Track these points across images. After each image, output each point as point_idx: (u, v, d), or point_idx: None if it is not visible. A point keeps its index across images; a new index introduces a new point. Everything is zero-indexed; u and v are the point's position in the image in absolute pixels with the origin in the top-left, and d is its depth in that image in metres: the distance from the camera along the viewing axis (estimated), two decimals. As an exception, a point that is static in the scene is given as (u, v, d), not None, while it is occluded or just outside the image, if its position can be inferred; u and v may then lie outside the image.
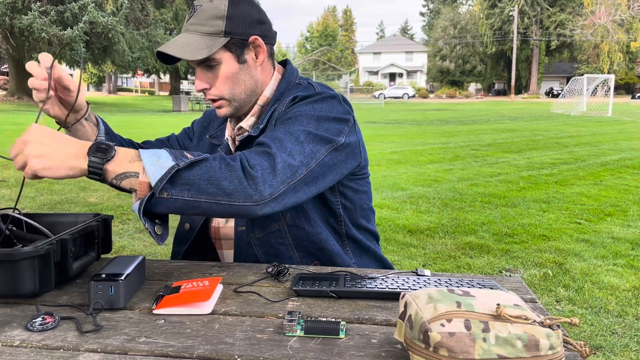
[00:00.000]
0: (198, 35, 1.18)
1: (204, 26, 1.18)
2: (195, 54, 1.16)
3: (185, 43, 1.17)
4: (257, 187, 0.96)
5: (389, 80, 67.51)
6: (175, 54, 1.15)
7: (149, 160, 0.93)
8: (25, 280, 0.93)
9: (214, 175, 0.94)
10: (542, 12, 55.31)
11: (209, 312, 0.91)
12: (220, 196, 0.94)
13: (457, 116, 23.24)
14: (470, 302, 0.69)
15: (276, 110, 1.24)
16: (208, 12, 1.18)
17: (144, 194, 0.93)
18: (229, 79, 1.21)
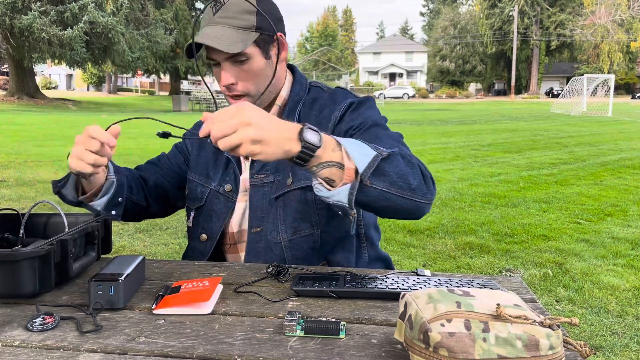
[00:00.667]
0: (230, 29, 1.16)
1: (235, 20, 1.16)
2: (232, 47, 1.14)
3: (219, 36, 1.14)
4: (429, 187, 1.01)
5: (389, 80, 67.51)
6: (213, 45, 1.13)
7: (353, 148, 0.92)
8: (25, 280, 0.93)
9: (403, 170, 0.96)
10: (542, 12, 55.31)
11: (209, 312, 0.91)
12: (406, 191, 0.96)
13: (457, 116, 23.24)
14: (470, 302, 0.69)
15: (302, 113, 1.27)
16: (237, 6, 1.16)
17: (350, 181, 0.91)
18: (256, 75, 1.21)
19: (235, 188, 1.30)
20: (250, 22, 1.17)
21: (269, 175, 1.27)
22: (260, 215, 1.27)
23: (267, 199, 1.27)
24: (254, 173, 1.28)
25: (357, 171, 0.91)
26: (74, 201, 1.20)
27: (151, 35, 27.27)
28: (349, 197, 0.91)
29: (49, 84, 57.27)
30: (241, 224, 1.31)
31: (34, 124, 15.46)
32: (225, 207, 1.30)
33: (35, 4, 22.36)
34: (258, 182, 1.28)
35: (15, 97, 26.83)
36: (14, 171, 7.21)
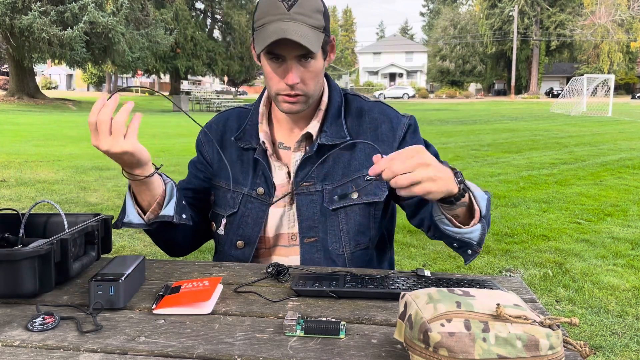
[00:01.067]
0: (307, 27, 1.13)
1: (310, 18, 1.14)
2: (314, 46, 1.12)
3: (302, 33, 1.11)
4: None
5: (389, 81, 67.50)
6: (300, 41, 1.09)
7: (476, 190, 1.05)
8: (25, 280, 0.93)
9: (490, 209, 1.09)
10: (542, 12, 55.30)
11: (209, 312, 0.91)
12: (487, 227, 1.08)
13: (457, 116, 23.24)
14: (470, 302, 0.69)
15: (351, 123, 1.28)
16: (310, 4, 1.14)
17: (475, 222, 1.05)
18: (316, 76, 1.20)
19: (268, 191, 1.27)
20: (320, 22, 1.15)
21: (316, 183, 1.26)
22: (313, 225, 1.25)
23: (317, 208, 1.25)
24: (299, 181, 1.26)
25: (480, 212, 1.05)
26: (143, 223, 1.16)
27: (151, 35, 27.26)
28: (480, 236, 1.05)
29: (49, 84, 57.27)
30: (278, 229, 1.28)
31: (34, 124, 15.46)
32: (261, 211, 1.27)
33: (35, 4, 22.35)
34: (304, 190, 1.26)
35: (15, 97, 26.82)
36: (14, 171, 7.21)
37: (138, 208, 1.17)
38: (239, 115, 1.38)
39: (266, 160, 1.28)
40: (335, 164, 1.26)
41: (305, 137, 1.27)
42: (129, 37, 25.25)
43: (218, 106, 28.38)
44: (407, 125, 1.29)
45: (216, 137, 1.36)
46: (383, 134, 1.27)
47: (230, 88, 57.36)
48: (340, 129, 1.26)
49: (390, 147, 1.26)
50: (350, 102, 1.32)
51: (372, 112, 1.30)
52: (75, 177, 6.92)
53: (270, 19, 1.13)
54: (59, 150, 9.55)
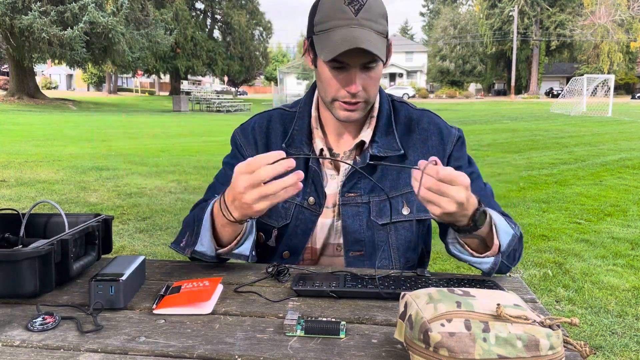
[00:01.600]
0: (375, 34, 1.08)
1: (376, 24, 1.09)
2: (382, 54, 1.08)
3: (372, 41, 1.06)
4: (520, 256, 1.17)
5: (389, 81, 67.49)
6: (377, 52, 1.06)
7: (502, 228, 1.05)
8: (25, 280, 0.93)
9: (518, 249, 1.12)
10: (542, 12, 55.30)
11: (209, 312, 0.91)
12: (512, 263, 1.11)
13: (457, 116, 23.24)
14: (470, 302, 0.69)
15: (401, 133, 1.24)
16: (376, 9, 1.10)
17: (494, 254, 1.05)
18: (377, 82, 1.16)
19: (319, 200, 1.22)
20: (385, 28, 1.12)
21: (363, 195, 1.21)
22: (359, 239, 1.21)
23: (364, 222, 1.21)
24: (345, 191, 1.21)
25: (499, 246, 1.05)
26: (214, 256, 1.09)
27: (151, 35, 27.26)
28: (489, 270, 1.06)
29: (49, 84, 57.26)
30: (326, 239, 1.25)
31: (34, 124, 15.46)
32: (310, 222, 1.23)
33: (35, 4, 22.35)
34: (350, 200, 1.21)
35: (15, 97, 26.82)
36: (14, 171, 7.21)
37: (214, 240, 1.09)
38: (282, 117, 1.29)
39: (320, 169, 1.23)
40: (384, 176, 1.22)
41: (357, 145, 1.23)
42: (129, 37, 25.25)
43: (218, 106, 28.37)
44: (456, 139, 1.25)
45: (261, 140, 1.28)
46: (433, 147, 1.23)
47: (230, 88, 57.35)
48: (392, 140, 1.22)
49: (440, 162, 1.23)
50: (398, 110, 1.27)
51: (421, 122, 1.26)
52: (75, 177, 6.92)
53: (337, 23, 1.07)
54: (59, 150, 9.55)
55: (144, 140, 11.70)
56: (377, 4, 1.10)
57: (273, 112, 1.32)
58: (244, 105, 29.57)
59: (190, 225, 1.12)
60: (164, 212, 5.05)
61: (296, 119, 1.26)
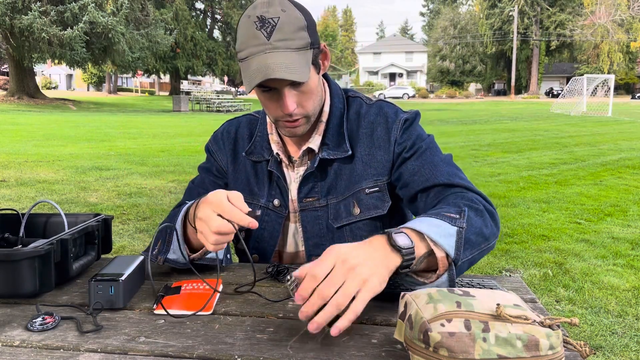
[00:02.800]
0: (293, 53, 1.04)
1: (294, 41, 1.04)
2: (303, 75, 1.04)
3: (287, 63, 1.03)
4: (496, 224, 1.04)
5: (389, 81, 67.50)
6: (291, 78, 1.02)
7: (435, 233, 0.89)
8: (25, 280, 0.93)
9: (477, 226, 0.97)
10: (542, 12, 55.30)
11: (209, 312, 0.91)
12: (483, 244, 0.97)
13: (457, 116, 23.24)
14: (470, 302, 0.69)
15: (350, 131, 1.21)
16: (291, 25, 1.04)
17: (445, 268, 0.88)
18: (313, 94, 1.12)
19: (284, 202, 1.23)
20: (306, 40, 1.06)
21: (320, 198, 1.21)
22: (320, 243, 1.20)
23: (323, 225, 1.21)
24: (302, 197, 1.21)
25: (447, 255, 0.88)
26: (186, 262, 1.08)
27: (151, 35, 27.26)
28: (449, 284, 0.89)
29: (49, 84, 57.27)
30: (294, 246, 1.25)
31: (34, 124, 15.46)
32: (277, 224, 1.24)
33: (35, 4, 22.35)
34: (308, 205, 1.21)
35: (15, 97, 26.82)
36: (14, 171, 7.21)
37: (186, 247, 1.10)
38: (250, 123, 1.32)
39: (280, 172, 1.23)
40: (338, 176, 1.21)
41: (308, 151, 1.22)
42: (129, 37, 25.26)
43: (218, 106, 28.37)
44: (402, 122, 1.20)
45: (229, 146, 1.31)
46: (379, 138, 1.20)
47: (230, 88, 57.33)
48: (342, 141, 1.20)
49: (386, 152, 1.19)
50: (350, 106, 1.25)
51: (369, 114, 1.22)
52: (75, 177, 6.92)
53: (252, 50, 1.05)
54: (59, 150, 9.55)
55: (144, 140, 11.70)
56: (292, 19, 1.05)
57: (242, 119, 1.35)
58: (243, 105, 29.57)
59: (163, 233, 1.12)
60: (164, 212, 5.05)
61: (259, 124, 1.29)
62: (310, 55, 1.07)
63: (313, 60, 1.09)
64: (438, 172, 1.12)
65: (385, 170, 1.19)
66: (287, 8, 1.05)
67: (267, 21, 1.03)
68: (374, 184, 1.19)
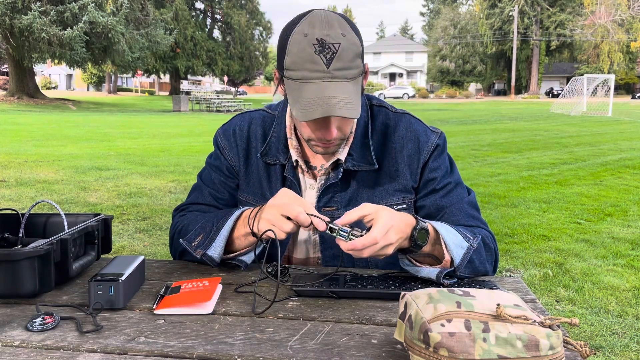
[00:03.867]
0: (350, 84, 1.02)
1: (351, 70, 1.02)
2: (358, 111, 1.02)
3: (345, 98, 1.01)
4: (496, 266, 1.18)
5: (389, 80, 67.50)
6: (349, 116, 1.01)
7: (450, 239, 1.04)
8: (25, 280, 0.93)
9: (483, 257, 1.11)
10: (542, 12, 55.29)
11: (209, 312, 0.91)
12: (480, 273, 1.11)
13: (457, 116, 23.24)
14: (470, 302, 0.69)
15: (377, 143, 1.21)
16: (350, 52, 1.01)
17: (444, 267, 1.04)
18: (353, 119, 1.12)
19: None
20: (360, 69, 1.05)
21: (340, 209, 1.19)
22: (337, 254, 1.18)
23: None
24: (321, 206, 1.19)
25: (452, 260, 1.03)
26: (217, 262, 1.12)
27: (151, 35, 27.27)
28: (437, 276, 1.02)
29: (49, 84, 57.27)
30: (307, 253, 1.24)
31: (34, 124, 15.46)
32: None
33: (35, 4, 22.36)
34: (327, 215, 1.14)
35: (15, 97, 26.82)
36: (14, 171, 7.21)
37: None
38: (263, 121, 1.27)
39: (296, 178, 1.21)
40: (360, 188, 1.20)
41: (337, 164, 1.20)
42: (128, 37, 25.26)
43: (218, 106, 28.36)
44: (434, 147, 1.20)
45: (241, 145, 1.27)
46: (409, 157, 1.19)
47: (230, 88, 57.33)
48: (367, 153, 1.18)
49: (414, 172, 1.19)
50: (375, 117, 1.22)
51: (398, 129, 1.21)
52: (75, 177, 6.92)
53: (308, 75, 1.01)
54: (59, 150, 9.55)
55: (144, 140, 11.70)
56: (350, 46, 1.02)
57: (255, 114, 1.29)
58: (243, 105, 29.57)
59: (207, 229, 1.13)
60: (163, 212, 5.05)
61: (275, 124, 1.25)
62: (360, 83, 1.07)
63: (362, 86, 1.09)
64: (463, 215, 1.20)
65: (409, 188, 1.21)
66: (346, 32, 1.02)
67: (328, 46, 1.00)
68: (402, 201, 1.20)
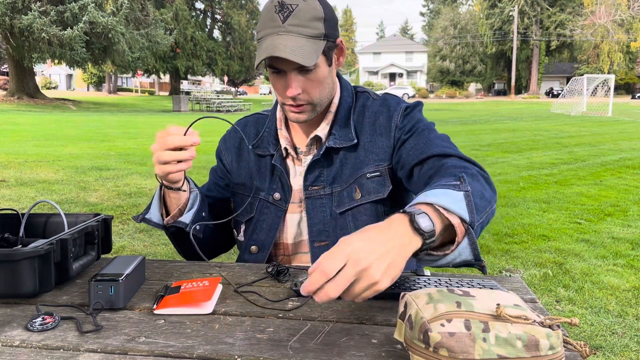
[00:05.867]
0: (304, 39, 1.10)
1: (307, 28, 1.10)
2: (309, 60, 1.09)
3: (295, 47, 1.08)
4: (492, 188, 1.03)
5: (389, 80, 67.49)
6: (293, 59, 1.07)
7: (446, 201, 0.83)
8: (25, 280, 0.93)
9: (478, 190, 0.95)
10: (542, 12, 55.29)
11: (209, 312, 0.91)
12: (487, 207, 0.95)
13: (457, 116, 23.24)
14: (470, 302, 0.69)
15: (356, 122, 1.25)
16: (308, 13, 1.10)
17: (463, 234, 0.83)
18: (321, 83, 1.17)
19: (285, 196, 1.27)
20: (319, 31, 1.12)
21: (325, 186, 1.24)
22: (324, 230, 1.23)
23: (327, 212, 1.24)
24: (308, 185, 1.25)
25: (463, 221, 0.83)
26: (160, 224, 1.19)
27: (151, 35, 27.26)
28: (473, 252, 0.83)
29: (49, 84, 57.27)
30: (298, 236, 1.28)
31: (34, 124, 15.46)
32: (276, 217, 1.27)
33: (35, 4, 22.36)
34: (314, 193, 1.25)
35: (15, 97, 26.81)
36: (14, 171, 7.21)
37: (163, 209, 1.20)
38: (257, 121, 1.38)
39: (284, 166, 1.28)
40: (343, 165, 1.25)
41: (315, 140, 1.27)
42: (129, 37, 25.25)
43: (218, 106, 28.37)
44: (403, 109, 1.24)
45: (234, 144, 1.38)
46: (381, 126, 1.24)
47: (230, 88, 57.36)
48: (348, 131, 1.24)
49: (387, 137, 1.23)
50: (358, 100, 1.30)
51: (373, 106, 1.28)
52: (75, 177, 6.92)
53: (267, 32, 1.11)
54: (59, 150, 9.55)
55: (144, 140, 11.70)
56: (310, 8, 1.11)
57: (250, 118, 1.40)
58: (243, 105, 29.57)
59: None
60: (164, 212, 5.05)
61: (267, 121, 1.34)
62: (322, 46, 1.12)
63: (325, 52, 1.14)
64: (432, 145, 1.15)
65: (386, 155, 1.23)
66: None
67: (286, 6, 1.10)
68: (375, 168, 1.23)
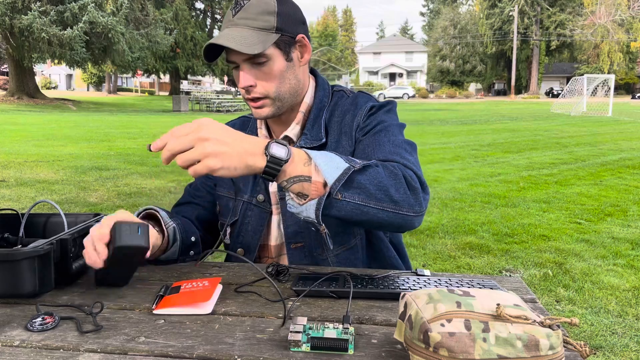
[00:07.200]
0: (249, 30, 1.13)
1: (255, 21, 1.13)
2: (252, 48, 1.10)
3: (239, 36, 1.11)
4: (417, 199, 0.98)
5: (389, 80, 67.48)
6: (232, 46, 1.09)
7: (323, 161, 0.91)
8: (25, 280, 0.93)
9: (382, 182, 0.95)
10: (542, 12, 55.29)
11: (209, 312, 0.91)
12: (387, 203, 0.95)
13: (457, 116, 23.24)
14: (470, 302, 0.69)
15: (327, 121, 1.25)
16: (258, 7, 1.14)
17: (319, 195, 0.91)
18: (276, 77, 1.17)
19: (268, 198, 1.27)
20: (270, 23, 1.13)
21: None
22: (299, 231, 1.23)
23: None
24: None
25: (325, 184, 0.90)
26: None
27: (151, 35, 27.26)
28: (315, 212, 0.90)
29: (49, 84, 57.25)
30: (279, 238, 1.28)
31: (34, 124, 15.46)
32: (261, 219, 1.27)
33: (35, 4, 22.35)
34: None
35: (15, 97, 26.81)
36: (14, 171, 7.21)
37: None
38: (243, 123, 1.38)
39: None
40: None
41: (287, 140, 1.25)
42: (128, 37, 25.25)
43: (218, 106, 28.37)
44: (367, 109, 1.23)
45: None
46: (346, 125, 1.23)
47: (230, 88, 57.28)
48: (319, 131, 1.24)
49: (350, 137, 1.22)
50: (332, 99, 1.30)
51: (344, 104, 1.27)
52: (75, 177, 6.92)
53: (222, 27, 1.17)
54: (59, 150, 9.55)
55: (144, 140, 11.70)
56: (262, 3, 1.14)
57: (237, 120, 1.41)
58: (243, 105, 29.57)
59: None
60: (163, 212, 5.05)
61: (251, 123, 1.36)
62: (272, 38, 1.13)
63: (281, 46, 1.15)
64: (381, 149, 1.12)
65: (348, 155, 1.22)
66: None
67: (239, 3, 1.15)
68: None
